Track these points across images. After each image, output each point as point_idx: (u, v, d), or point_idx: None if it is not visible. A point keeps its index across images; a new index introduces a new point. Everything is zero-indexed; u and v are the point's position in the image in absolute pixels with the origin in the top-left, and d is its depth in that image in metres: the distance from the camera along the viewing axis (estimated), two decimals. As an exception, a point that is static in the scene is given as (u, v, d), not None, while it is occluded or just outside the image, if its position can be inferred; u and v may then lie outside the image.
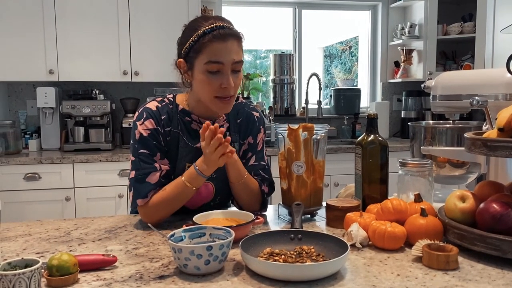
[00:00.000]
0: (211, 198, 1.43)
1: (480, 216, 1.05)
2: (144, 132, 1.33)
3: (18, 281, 0.83)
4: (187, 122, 1.38)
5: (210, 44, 1.24)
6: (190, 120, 1.39)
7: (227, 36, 1.25)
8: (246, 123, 1.46)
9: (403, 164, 1.30)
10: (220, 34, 1.24)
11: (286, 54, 3.84)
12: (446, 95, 1.45)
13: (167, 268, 0.99)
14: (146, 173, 1.31)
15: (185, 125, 1.38)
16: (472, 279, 0.91)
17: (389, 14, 4.03)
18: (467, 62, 3.65)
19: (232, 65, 1.27)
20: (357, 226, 1.13)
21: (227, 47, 1.25)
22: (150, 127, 1.34)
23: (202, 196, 1.40)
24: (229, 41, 1.25)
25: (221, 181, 1.41)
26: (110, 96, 3.48)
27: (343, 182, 3.21)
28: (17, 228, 1.31)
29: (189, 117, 1.39)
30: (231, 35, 1.26)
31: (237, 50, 1.27)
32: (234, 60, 1.26)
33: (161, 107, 1.38)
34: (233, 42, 1.26)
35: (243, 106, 1.48)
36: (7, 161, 2.82)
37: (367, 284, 0.90)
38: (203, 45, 1.25)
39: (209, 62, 1.25)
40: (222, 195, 1.45)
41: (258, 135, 1.48)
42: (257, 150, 1.47)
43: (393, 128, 4.08)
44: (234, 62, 1.27)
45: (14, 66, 3.03)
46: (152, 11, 3.18)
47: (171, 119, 1.37)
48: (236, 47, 1.27)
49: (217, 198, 1.44)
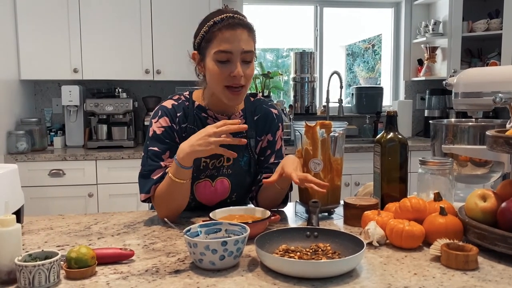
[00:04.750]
0: (227, 195, 1.43)
1: (501, 216, 1.02)
2: (158, 129, 1.35)
3: (37, 272, 0.85)
4: (203, 118, 1.39)
5: (220, 33, 1.26)
6: (206, 116, 1.40)
7: (236, 26, 1.26)
8: (264, 120, 1.46)
9: (423, 163, 1.28)
10: (230, 24, 1.26)
11: (307, 52, 3.82)
12: (468, 92, 1.42)
13: (183, 262, 1.00)
14: (152, 170, 1.32)
15: (201, 121, 1.39)
16: (492, 280, 0.89)
17: (412, 11, 3.96)
18: (493, 60, 3.56)
19: (241, 55, 1.27)
20: (374, 225, 1.11)
21: (236, 35, 1.26)
22: (164, 124, 1.35)
23: (218, 193, 1.41)
24: (238, 30, 1.26)
25: (237, 178, 1.41)
26: (132, 95, 3.53)
27: (364, 181, 3.17)
28: (40, 222, 1.35)
29: (205, 113, 1.40)
30: (241, 24, 1.27)
31: (246, 39, 1.28)
32: (243, 49, 1.27)
33: (177, 104, 1.39)
34: (243, 31, 1.27)
35: (261, 103, 1.48)
36: (33, 157, 2.89)
37: (383, 282, 0.89)
38: (213, 34, 1.27)
39: (218, 52, 1.27)
40: (238, 192, 1.44)
41: (277, 132, 1.47)
42: (276, 148, 1.46)
43: (416, 127, 4.01)
44: (244, 52, 1.27)
45: (40, 66, 3.11)
46: (174, 10, 3.22)
47: (187, 116, 1.38)
48: (246, 37, 1.28)
49: (233, 195, 1.44)
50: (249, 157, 1.43)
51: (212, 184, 1.40)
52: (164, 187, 1.28)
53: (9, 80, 3.03)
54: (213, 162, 1.38)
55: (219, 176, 1.40)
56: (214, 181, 1.40)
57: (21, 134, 2.95)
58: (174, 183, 1.25)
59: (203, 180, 1.39)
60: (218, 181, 1.39)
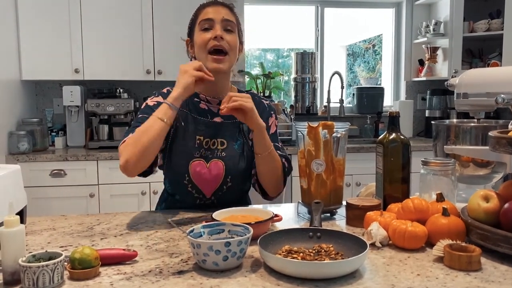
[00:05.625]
0: (222, 177, 1.44)
1: (504, 217, 1.02)
2: (150, 102, 1.45)
3: (41, 273, 0.85)
4: (196, 102, 1.48)
5: (203, 9, 1.43)
6: (198, 100, 1.49)
7: (218, 3, 1.43)
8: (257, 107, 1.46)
9: (425, 163, 1.28)
10: (212, 2, 1.43)
11: (307, 53, 3.82)
12: (470, 93, 1.42)
13: (186, 263, 1.00)
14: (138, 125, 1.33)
15: (194, 105, 1.48)
16: (495, 281, 0.89)
17: (413, 11, 3.96)
18: (494, 60, 3.55)
19: (222, 23, 1.39)
20: (377, 225, 1.11)
21: (217, 9, 1.41)
22: (158, 100, 1.44)
23: (212, 174, 1.43)
24: (219, 6, 1.42)
25: (231, 161, 1.44)
26: (133, 95, 3.53)
27: (365, 181, 3.17)
28: (42, 222, 1.35)
29: (197, 97, 1.48)
30: (223, 4, 1.43)
31: (227, 13, 1.42)
32: (223, 17, 1.39)
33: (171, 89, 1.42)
34: (224, 7, 1.42)
35: (254, 95, 1.55)
36: (34, 157, 2.89)
37: (386, 283, 0.89)
38: (198, 12, 1.44)
39: (201, 21, 1.40)
40: (233, 176, 1.45)
41: (269, 118, 1.54)
42: (270, 133, 1.51)
43: (417, 128, 4.01)
44: (224, 19, 1.39)
45: (41, 66, 3.11)
46: (175, 11, 3.22)
47: None
48: (226, 11, 1.42)
49: (228, 178, 1.45)
50: (242, 141, 1.48)
51: (206, 165, 1.43)
52: (140, 128, 1.30)
53: (10, 81, 3.03)
54: (206, 141, 1.44)
55: (213, 158, 1.44)
56: (208, 163, 1.44)
57: (22, 135, 2.96)
58: (154, 120, 1.28)
59: (198, 159, 1.43)
60: (212, 163, 1.43)
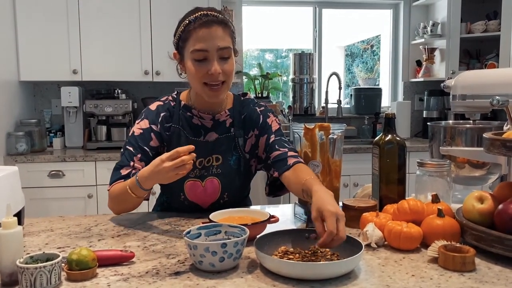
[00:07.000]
0: (218, 194, 1.43)
1: (498, 218, 1.03)
2: (136, 131, 1.40)
3: (39, 274, 0.86)
4: (188, 117, 1.42)
5: (194, 32, 1.28)
6: (191, 115, 1.42)
7: (210, 23, 1.28)
8: (250, 118, 1.45)
9: (421, 164, 1.29)
10: (204, 22, 1.27)
11: (305, 54, 3.83)
12: (466, 94, 1.43)
13: (183, 264, 1.01)
14: (122, 165, 1.36)
15: (187, 120, 1.42)
16: (488, 281, 0.90)
17: (411, 12, 3.98)
18: (492, 61, 3.57)
19: (218, 52, 1.28)
20: (372, 226, 1.12)
21: (210, 33, 1.27)
22: (144, 126, 1.40)
23: (208, 192, 1.41)
24: (213, 27, 1.28)
25: (226, 178, 1.42)
26: (132, 96, 3.53)
27: (362, 182, 3.19)
28: (40, 223, 1.35)
29: (190, 112, 1.42)
30: (215, 22, 1.28)
31: (222, 36, 1.29)
32: (218, 47, 1.28)
33: (162, 105, 1.43)
34: (218, 28, 1.28)
35: (249, 102, 1.48)
36: (32, 158, 2.89)
37: (381, 283, 0.89)
38: (188, 33, 1.30)
39: (194, 51, 1.29)
40: (229, 192, 1.44)
41: (267, 119, 1.45)
42: (273, 130, 1.44)
43: (415, 128, 4.02)
44: (220, 49, 1.28)
45: (39, 67, 3.11)
46: (173, 12, 3.21)
47: (172, 115, 1.42)
48: (221, 33, 1.29)
49: (224, 194, 1.43)
50: (238, 156, 1.43)
51: (202, 184, 1.41)
52: (119, 190, 1.31)
53: (8, 81, 3.03)
54: (201, 161, 1.40)
55: (208, 176, 1.41)
56: (204, 181, 1.41)
57: (20, 135, 2.96)
58: (127, 194, 1.27)
59: (192, 180, 1.40)
60: (208, 181, 1.40)
